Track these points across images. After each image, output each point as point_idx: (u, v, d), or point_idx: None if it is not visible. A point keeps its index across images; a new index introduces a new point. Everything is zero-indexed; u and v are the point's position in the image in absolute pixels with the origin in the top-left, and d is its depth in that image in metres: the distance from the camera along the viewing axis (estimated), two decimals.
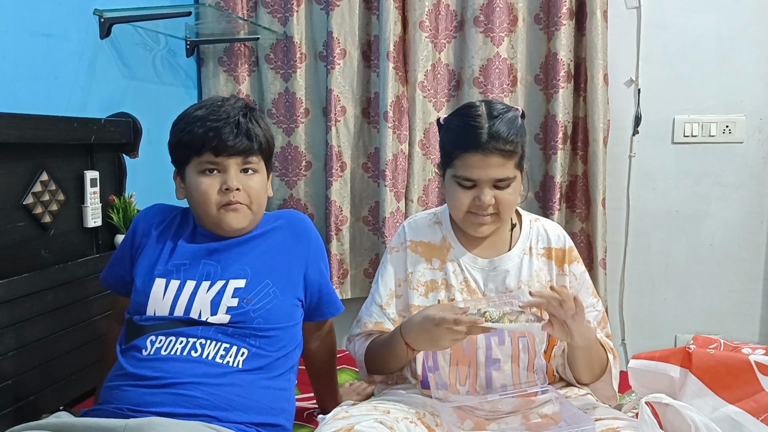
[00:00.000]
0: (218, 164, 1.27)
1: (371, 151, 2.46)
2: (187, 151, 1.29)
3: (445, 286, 1.36)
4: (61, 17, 1.75)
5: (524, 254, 1.38)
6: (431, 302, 1.34)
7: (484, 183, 1.27)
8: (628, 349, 2.47)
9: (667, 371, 1.18)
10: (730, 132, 2.32)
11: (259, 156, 1.31)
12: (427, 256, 1.39)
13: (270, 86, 2.44)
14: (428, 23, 2.32)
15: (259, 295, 1.28)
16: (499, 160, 1.25)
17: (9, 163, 1.49)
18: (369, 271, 2.50)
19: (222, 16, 2.28)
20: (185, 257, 1.30)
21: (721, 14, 2.29)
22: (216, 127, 1.25)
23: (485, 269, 1.36)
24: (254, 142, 1.28)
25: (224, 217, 1.28)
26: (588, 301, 1.38)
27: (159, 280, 1.27)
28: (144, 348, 1.22)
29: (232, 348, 1.22)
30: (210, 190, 1.27)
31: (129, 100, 2.03)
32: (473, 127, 1.26)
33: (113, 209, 1.80)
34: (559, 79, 2.27)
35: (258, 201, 1.31)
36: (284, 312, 1.30)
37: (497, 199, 1.28)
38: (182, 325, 1.23)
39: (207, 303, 1.24)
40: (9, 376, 1.38)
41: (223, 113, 1.27)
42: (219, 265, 1.29)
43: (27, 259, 1.53)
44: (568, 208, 2.39)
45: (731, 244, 2.38)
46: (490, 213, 1.29)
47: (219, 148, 1.25)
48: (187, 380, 1.17)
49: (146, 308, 1.25)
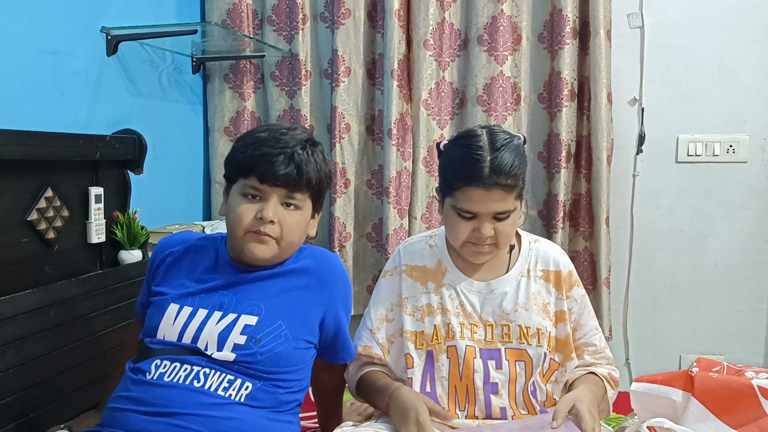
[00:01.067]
0: (261, 191, 1.23)
1: (375, 168, 2.46)
2: (237, 170, 1.26)
3: (441, 311, 1.34)
4: (69, 35, 1.77)
5: (522, 276, 1.36)
6: (427, 327, 1.33)
7: (484, 216, 1.25)
8: (632, 368, 2.46)
9: (670, 395, 1.17)
10: (733, 151, 2.32)
11: (306, 193, 1.26)
12: (422, 280, 1.38)
13: (275, 103, 2.46)
14: (432, 42, 2.34)
15: (270, 336, 1.22)
16: (501, 194, 1.23)
17: (14, 179, 1.50)
18: (372, 288, 2.50)
19: (228, 34, 2.30)
20: (202, 285, 1.28)
21: (724, 35, 2.30)
22: (269, 153, 1.22)
23: (482, 292, 1.35)
24: (303, 178, 1.23)
25: (249, 244, 1.23)
26: (591, 324, 1.39)
27: (173, 305, 1.25)
28: (148, 371, 1.20)
29: (236, 381, 1.19)
30: (245, 214, 1.22)
31: (135, 116, 2.04)
32: (475, 160, 1.23)
33: (117, 225, 1.81)
34: (562, 98, 2.28)
35: (290, 238, 1.25)
36: (294, 356, 1.25)
37: (496, 230, 1.27)
38: (188, 353, 1.21)
39: (215, 336, 1.21)
40: (11, 392, 1.38)
41: (283, 142, 1.23)
42: (234, 296, 1.26)
43: (31, 276, 1.54)
44: (571, 227, 2.39)
45: (735, 263, 2.37)
46: (488, 243, 1.28)
47: (266, 176, 1.21)
48: (187, 411, 1.14)
49: (157, 332, 1.24)
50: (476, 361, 1.29)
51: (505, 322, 1.32)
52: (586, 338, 1.38)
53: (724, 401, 1.11)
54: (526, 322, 1.31)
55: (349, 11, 2.37)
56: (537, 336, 1.30)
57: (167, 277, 1.32)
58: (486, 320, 1.32)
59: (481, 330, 1.32)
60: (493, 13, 2.31)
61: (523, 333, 1.30)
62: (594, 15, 2.23)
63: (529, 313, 1.32)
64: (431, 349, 1.32)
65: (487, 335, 1.31)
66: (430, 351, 1.32)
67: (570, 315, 1.35)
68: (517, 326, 1.31)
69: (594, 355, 1.38)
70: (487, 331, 1.32)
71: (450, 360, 1.30)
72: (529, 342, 1.30)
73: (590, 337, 1.38)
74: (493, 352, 1.31)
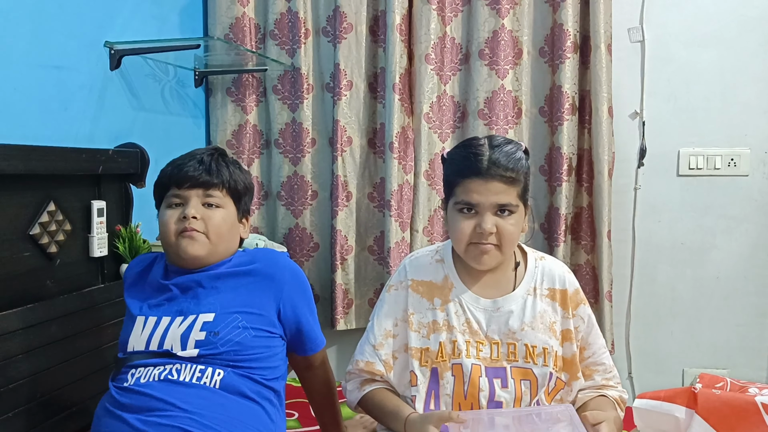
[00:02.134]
0: (180, 196, 1.35)
1: (377, 181, 2.47)
2: (160, 190, 1.39)
3: (447, 328, 1.32)
4: (73, 49, 1.78)
5: (528, 295, 1.34)
6: (432, 344, 1.32)
7: (485, 208, 1.25)
8: (635, 382, 2.45)
9: (673, 412, 1.16)
10: (735, 165, 2.32)
11: (223, 191, 1.37)
12: (428, 296, 1.36)
13: (277, 116, 2.46)
14: (434, 56, 2.35)
15: (227, 327, 1.30)
16: (500, 185, 1.25)
17: (17, 193, 1.50)
18: (374, 301, 2.50)
19: (230, 48, 2.32)
20: (162, 296, 1.36)
21: (725, 49, 2.31)
22: (180, 164, 1.37)
23: (488, 309, 1.33)
24: (214, 177, 1.35)
25: (181, 243, 1.33)
26: (599, 343, 1.37)
27: (139, 318, 1.34)
28: (126, 381, 1.27)
29: (207, 369, 1.26)
30: (170, 219, 1.34)
31: (137, 130, 2.05)
32: (475, 154, 1.28)
33: (119, 239, 1.81)
34: (563, 112, 2.28)
35: (218, 232, 1.35)
36: (256, 343, 1.31)
37: (499, 228, 1.26)
38: (157, 356, 1.29)
39: (177, 337, 1.29)
40: (12, 407, 1.38)
41: (192, 154, 1.39)
42: (192, 300, 1.34)
43: (32, 290, 1.54)
44: (573, 240, 2.39)
45: (738, 277, 2.36)
46: (491, 242, 1.27)
47: (181, 180, 1.35)
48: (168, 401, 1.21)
49: (127, 345, 1.33)
50: (482, 380, 1.28)
51: (511, 340, 1.30)
52: (596, 357, 1.36)
53: (728, 418, 1.10)
54: (532, 341, 1.30)
55: (351, 26, 2.38)
56: (543, 355, 1.29)
57: (132, 294, 1.41)
58: (492, 338, 1.31)
59: (487, 348, 1.30)
60: (494, 28, 2.32)
61: (529, 352, 1.29)
62: (595, 29, 2.25)
63: (535, 332, 1.30)
64: (436, 366, 1.31)
65: (492, 353, 1.30)
66: (434, 368, 1.31)
67: (576, 334, 1.34)
68: (523, 345, 1.29)
69: (604, 375, 1.36)
70: (492, 349, 1.30)
71: (455, 378, 1.29)
72: (534, 361, 1.29)
73: (599, 356, 1.36)
74: (498, 370, 1.30)
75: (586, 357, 1.36)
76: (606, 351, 1.38)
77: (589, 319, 1.37)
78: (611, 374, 1.37)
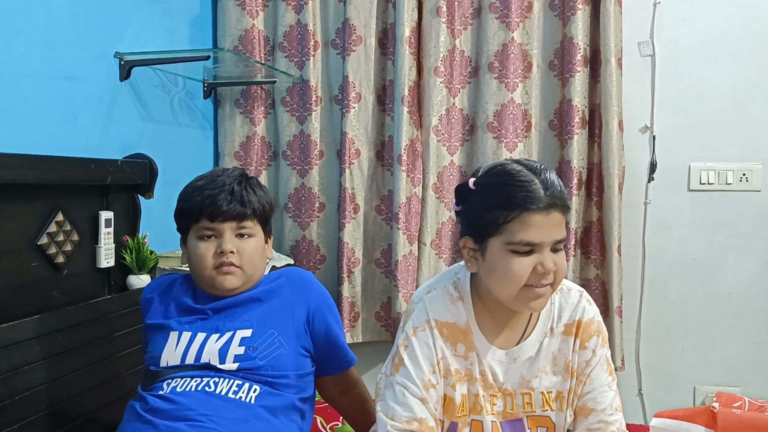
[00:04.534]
0: (214, 230, 1.35)
1: (384, 193, 2.46)
2: (188, 219, 1.37)
3: (469, 379, 1.19)
4: (83, 60, 1.78)
5: (545, 336, 1.21)
6: (457, 396, 1.18)
7: (545, 246, 1.08)
8: (645, 400, 2.41)
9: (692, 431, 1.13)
10: (747, 180, 2.30)
11: (254, 220, 1.38)
12: (452, 340, 1.19)
13: (285, 128, 2.46)
14: (443, 69, 2.34)
15: (265, 343, 1.33)
16: (559, 217, 1.09)
17: (25, 203, 1.50)
18: (380, 314, 2.48)
19: (240, 60, 2.32)
20: (194, 315, 1.37)
21: (735, 64, 2.29)
22: (212, 195, 1.34)
23: (503, 361, 1.19)
24: (247, 208, 1.36)
25: (217, 278, 1.34)
26: (603, 380, 1.21)
27: (173, 333, 1.34)
28: (161, 389, 1.27)
29: (244, 384, 1.27)
30: (206, 254, 1.34)
31: (146, 141, 2.05)
32: (526, 182, 1.08)
33: (127, 250, 1.80)
34: (573, 125, 2.27)
35: (251, 262, 1.37)
36: (291, 361, 1.34)
37: (556, 265, 1.10)
38: (195, 369, 1.30)
39: (215, 352, 1.30)
40: (19, 418, 1.36)
41: (220, 182, 1.36)
42: (226, 319, 1.35)
43: (39, 300, 1.52)
44: (582, 255, 2.36)
45: (750, 294, 2.33)
46: (548, 284, 1.11)
47: (214, 214, 1.34)
48: (202, 412, 1.21)
49: (160, 360, 1.32)
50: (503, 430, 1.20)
51: (527, 390, 1.20)
52: (595, 394, 1.20)
53: None
54: (547, 386, 1.20)
55: (360, 38, 2.38)
56: (558, 399, 1.20)
57: (159, 311, 1.40)
58: (505, 389, 1.20)
59: (501, 401, 1.20)
60: (503, 41, 2.32)
61: (545, 399, 1.20)
62: (605, 43, 2.24)
63: (549, 376, 1.20)
64: (455, 421, 1.19)
65: (507, 406, 1.20)
66: (454, 423, 1.20)
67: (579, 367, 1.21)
68: (539, 393, 1.20)
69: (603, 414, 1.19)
70: (507, 402, 1.20)
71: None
72: (551, 407, 1.20)
73: (600, 394, 1.20)
74: (515, 423, 1.20)
75: (585, 392, 1.20)
76: (611, 391, 1.21)
77: (600, 352, 1.22)
78: (612, 418, 1.19)
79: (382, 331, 2.48)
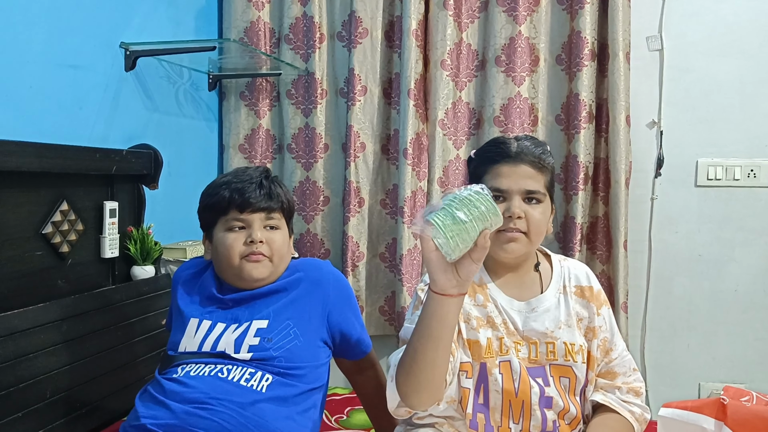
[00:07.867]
0: (243, 220, 1.37)
1: (389, 187, 2.44)
2: (215, 212, 1.39)
3: (492, 325, 1.28)
4: (88, 49, 1.78)
5: (560, 293, 1.32)
6: (481, 338, 1.26)
7: (514, 193, 1.24)
8: (650, 396, 2.39)
9: (700, 422, 1.12)
10: (754, 176, 2.28)
11: (281, 214, 1.41)
12: (471, 292, 1.30)
13: (290, 121, 2.45)
14: (449, 62, 2.33)
15: (281, 334, 1.35)
16: (529, 170, 1.25)
17: (30, 191, 1.49)
18: (384, 308, 2.47)
19: (245, 52, 2.31)
20: (215, 304, 1.39)
21: (744, 59, 2.28)
22: (241, 187, 1.37)
23: (522, 311, 1.30)
24: (275, 201, 1.39)
25: (245, 266, 1.36)
26: (621, 346, 1.35)
27: (193, 320, 1.38)
28: (175, 372, 1.31)
29: (256, 373, 1.30)
30: (235, 243, 1.36)
31: (151, 132, 2.04)
32: (503, 143, 1.30)
33: (131, 240, 1.79)
34: (580, 120, 2.26)
35: (279, 254, 1.39)
36: (307, 352, 1.36)
37: (527, 215, 1.24)
38: (210, 357, 1.32)
39: (231, 342, 1.33)
40: (24, 406, 1.35)
41: (247, 176, 1.40)
42: (246, 310, 1.38)
43: (43, 289, 1.52)
44: (588, 250, 2.35)
45: (756, 290, 2.32)
46: (519, 229, 1.24)
47: (244, 205, 1.36)
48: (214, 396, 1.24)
49: (179, 345, 1.36)
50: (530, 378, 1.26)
51: (550, 339, 1.28)
52: (621, 359, 1.34)
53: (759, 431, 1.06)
54: (570, 339, 1.28)
55: (367, 30, 2.37)
56: (581, 353, 1.28)
57: (183, 295, 1.44)
58: (529, 338, 1.28)
59: (525, 348, 1.28)
60: (511, 35, 2.30)
61: (568, 350, 1.27)
62: (613, 37, 2.22)
63: (572, 330, 1.29)
64: (484, 362, 1.26)
65: (531, 353, 1.27)
66: (483, 363, 1.26)
67: (599, 332, 1.32)
68: (562, 343, 1.27)
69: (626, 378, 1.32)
70: (531, 350, 1.28)
71: (503, 375, 1.25)
72: (574, 359, 1.27)
73: (624, 358, 1.34)
74: (538, 369, 1.27)
75: (613, 358, 1.33)
76: (628, 356, 1.36)
77: (610, 321, 1.35)
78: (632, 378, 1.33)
79: (386, 325, 2.47)
